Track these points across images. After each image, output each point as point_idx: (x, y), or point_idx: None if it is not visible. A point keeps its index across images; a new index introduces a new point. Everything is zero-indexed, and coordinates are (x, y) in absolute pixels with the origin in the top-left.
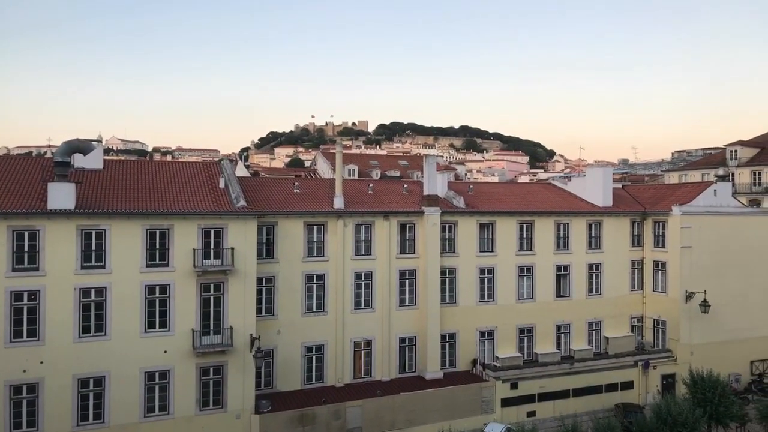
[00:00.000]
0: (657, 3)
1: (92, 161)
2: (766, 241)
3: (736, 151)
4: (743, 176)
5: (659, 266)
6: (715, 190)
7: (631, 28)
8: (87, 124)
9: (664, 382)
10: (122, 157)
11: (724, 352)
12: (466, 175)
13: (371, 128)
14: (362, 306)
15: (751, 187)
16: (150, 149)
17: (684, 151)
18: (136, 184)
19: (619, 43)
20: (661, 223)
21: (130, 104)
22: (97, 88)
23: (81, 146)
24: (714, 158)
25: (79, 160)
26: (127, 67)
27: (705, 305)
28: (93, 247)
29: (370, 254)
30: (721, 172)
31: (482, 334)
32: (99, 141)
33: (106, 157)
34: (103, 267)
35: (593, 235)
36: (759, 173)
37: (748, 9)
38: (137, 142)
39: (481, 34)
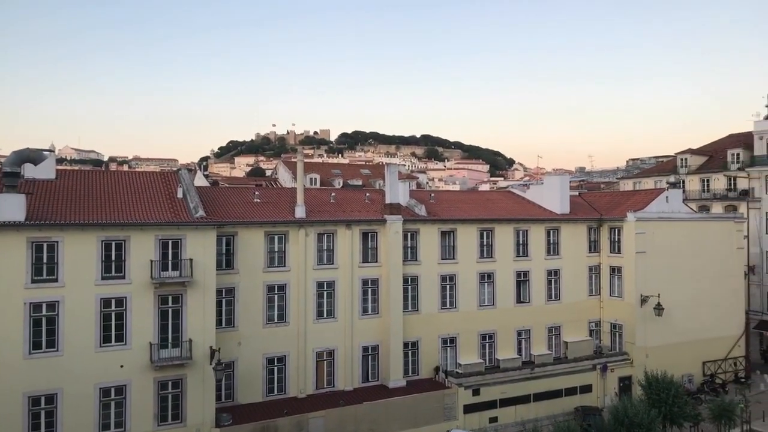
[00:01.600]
0: (615, 15)
1: (44, 171)
2: (714, 246)
3: (686, 159)
4: (693, 183)
5: (615, 271)
6: (667, 197)
7: (587, 40)
8: (39, 133)
9: (621, 384)
10: (76, 167)
11: (678, 353)
12: (427, 183)
13: (333, 137)
14: (325, 316)
15: (701, 194)
16: (106, 159)
17: (638, 159)
18: (90, 195)
19: (574, 55)
20: (616, 230)
21: (84, 113)
22: (49, 96)
23: (32, 156)
24: (666, 166)
25: (29, 171)
26: (81, 76)
27: (659, 309)
28: (44, 260)
29: (333, 263)
30: (672, 179)
31: (444, 341)
32: (51, 150)
33: (59, 167)
34: (56, 280)
35: (552, 241)
36: (707, 180)
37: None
38: (92, 151)
39: (442, 45)
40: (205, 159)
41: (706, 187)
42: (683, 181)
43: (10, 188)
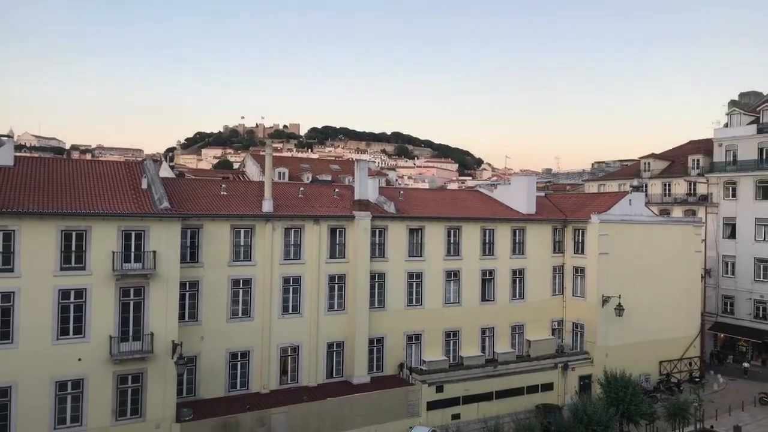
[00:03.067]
0: (584, 17)
1: (2, 158)
2: (674, 249)
3: (649, 163)
4: (655, 187)
5: (578, 272)
6: (630, 200)
7: (554, 43)
8: None
9: (582, 383)
10: (36, 155)
11: (636, 353)
12: (397, 180)
13: (303, 132)
14: (290, 311)
15: (662, 198)
16: (68, 147)
17: (603, 162)
18: (51, 183)
19: (542, 58)
20: (580, 231)
21: (45, 100)
22: (8, 80)
23: None
24: (629, 170)
25: None
26: (41, 60)
27: (619, 309)
28: (0, 249)
29: (300, 259)
30: (635, 182)
31: (410, 338)
32: (10, 136)
33: (18, 154)
34: (12, 270)
35: (517, 241)
36: (669, 185)
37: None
38: (53, 138)
39: (414, 43)
40: (171, 150)
41: (667, 191)
42: (646, 185)
43: None
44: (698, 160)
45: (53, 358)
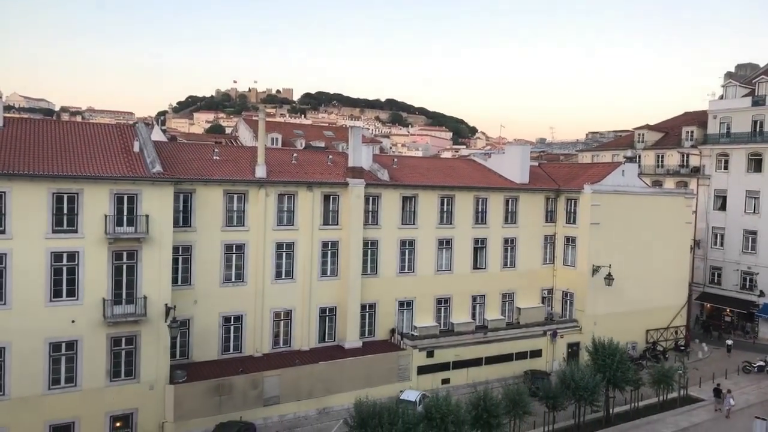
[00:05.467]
0: None
1: None
2: (665, 220)
3: (643, 134)
4: (648, 158)
5: (570, 241)
6: (623, 171)
7: (555, 9)
8: None
9: (570, 350)
10: (25, 116)
11: (624, 322)
12: (391, 148)
13: (296, 97)
14: (283, 276)
15: (655, 169)
16: (57, 108)
17: (597, 132)
18: (41, 145)
19: (539, 27)
20: (573, 201)
21: (33, 59)
22: None
23: None
24: (623, 140)
25: None
26: (29, 18)
27: (609, 278)
28: None
29: (293, 225)
30: (629, 153)
31: (401, 304)
32: None
33: (7, 115)
34: (3, 232)
35: (510, 210)
36: (662, 156)
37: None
38: (42, 100)
39: (409, 8)
40: (162, 113)
41: (660, 163)
42: (639, 156)
43: None
44: (692, 132)
45: (47, 320)
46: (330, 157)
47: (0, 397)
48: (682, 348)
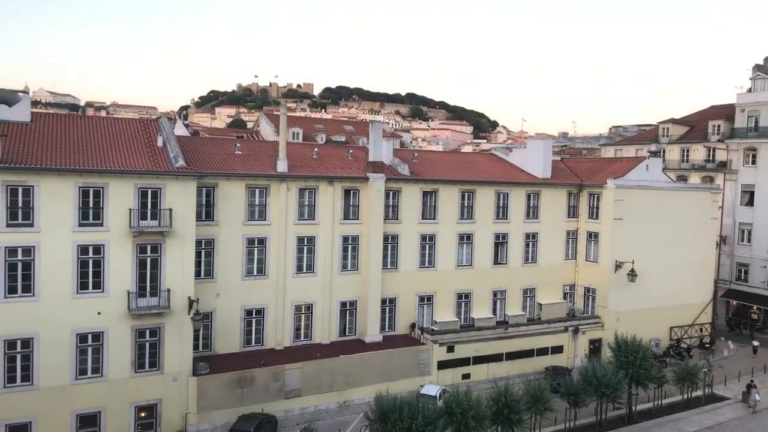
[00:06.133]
0: None
1: (19, 113)
2: (690, 216)
3: (667, 128)
4: (673, 153)
5: (592, 237)
6: (647, 166)
7: (571, 5)
8: (11, 73)
9: (592, 346)
10: (52, 111)
11: (647, 318)
12: (411, 142)
13: (317, 91)
14: (304, 270)
15: (680, 164)
16: (82, 104)
17: (620, 126)
18: (68, 140)
19: (560, 19)
20: (596, 196)
21: (59, 55)
22: (22, 34)
23: (6, 97)
24: (647, 135)
25: (3, 112)
26: (55, 13)
27: (632, 275)
28: (20, 204)
29: (314, 219)
30: (653, 148)
31: (422, 299)
32: (26, 92)
33: (34, 110)
34: (31, 225)
35: (531, 205)
36: (687, 150)
37: None
38: (68, 95)
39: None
40: (185, 108)
41: (685, 157)
42: (664, 151)
43: None
44: (719, 126)
45: (73, 311)
46: (350, 151)
47: (28, 387)
48: (707, 345)
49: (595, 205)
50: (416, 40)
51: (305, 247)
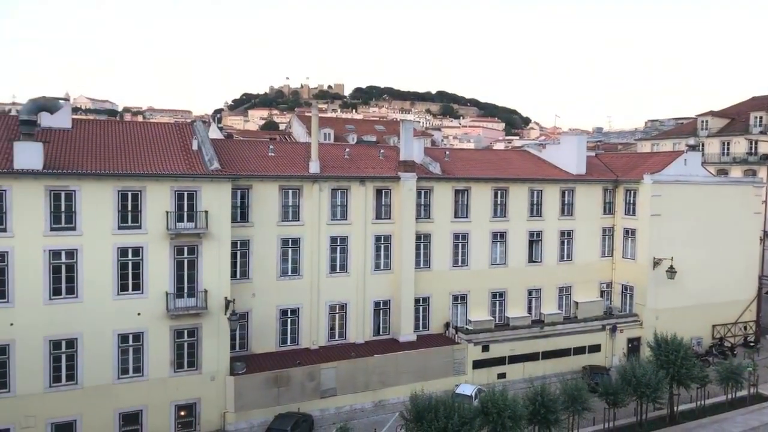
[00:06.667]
0: None
1: (60, 120)
2: (732, 210)
3: (706, 121)
4: (713, 146)
5: (629, 233)
6: (685, 160)
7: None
8: (53, 80)
9: (630, 345)
10: (91, 117)
11: (688, 316)
12: (442, 141)
13: (347, 92)
14: (337, 270)
15: (720, 157)
16: (120, 109)
17: (657, 120)
18: (106, 145)
19: (593, 10)
20: (632, 192)
21: (98, 61)
22: (63, 42)
23: (48, 104)
24: (685, 128)
25: (46, 119)
26: (93, 22)
27: (671, 271)
28: (63, 209)
29: (346, 219)
30: (691, 141)
31: (455, 298)
32: (66, 99)
33: (75, 116)
34: (74, 229)
35: (566, 202)
36: (728, 143)
37: None
38: (106, 101)
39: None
40: (218, 111)
41: (725, 151)
42: (703, 144)
43: (28, 136)
44: (761, 118)
45: (114, 312)
46: (382, 151)
47: (73, 386)
48: (752, 344)
49: (631, 201)
50: (446, 38)
51: (338, 247)
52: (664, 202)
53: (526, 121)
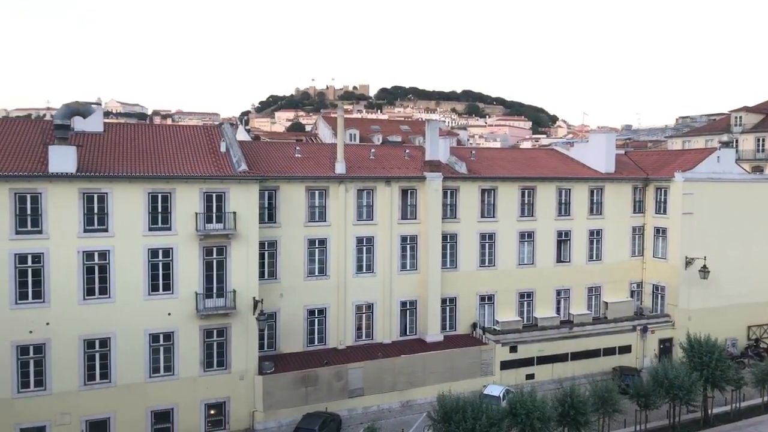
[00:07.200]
0: None
1: (92, 124)
2: (767, 208)
3: (740, 117)
4: (747, 143)
5: (660, 232)
6: (718, 157)
7: None
8: (85, 85)
9: (662, 346)
10: (122, 120)
11: (722, 317)
12: (468, 140)
13: (372, 92)
14: (364, 270)
15: (755, 154)
16: (150, 112)
17: (688, 116)
18: (137, 148)
19: (622, 5)
20: (663, 190)
21: (128, 66)
22: (94, 48)
23: (81, 109)
24: (718, 124)
25: (79, 123)
26: (123, 27)
27: (704, 271)
28: (95, 211)
29: (372, 219)
30: (725, 138)
31: (482, 298)
32: (98, 104)
33: (106, 120)
34: (106, 230)
35: (595, 201)
36: (763, 140)
37: None
38: (137, 105)
39: None
40: (245, 113)
41: (760, 147)
42: (736, 141)
43: (62, 140)
44: None
45: (146, 312)
46: (407, 151)
47: (107, 384)
48: None
49: (662, 200)
50: (471, 37)
51: (364, 248)
52: (696, 201)
53: (553, 119)
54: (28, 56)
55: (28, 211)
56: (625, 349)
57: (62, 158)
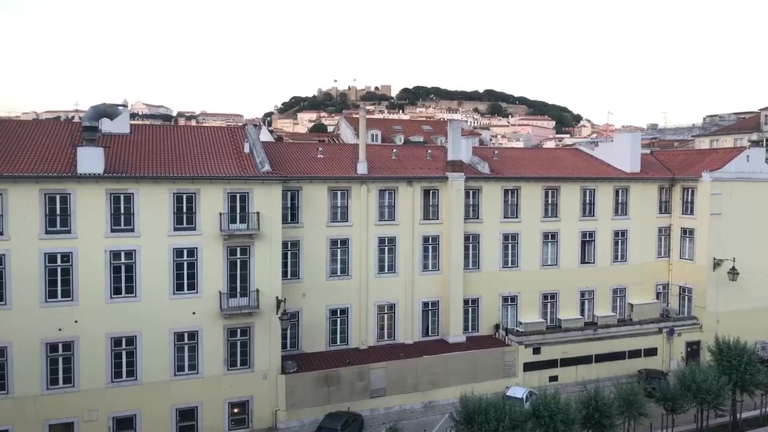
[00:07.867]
0: None
1: (119, 126)
2: None
3: None
4: None
5: (687, 233)
6: (747, 156)
7: None
8: (112, 87)
9: (689, 349)
10: (148, 122)
11: (752, 320)
12: (490, 140)
13: (394, 92)
14: (386, 270)
15: None
16: (174, 114)
17: (716, 115)
18: (162, 149)
19: (647, 2)
20: (690, 190)
21: (154, 68)
22: (121, 51)
23: (108, 111)
24: (747, 123)
25: (106, 125)
26: (149, 30)
27: (733, 273)
28: (122, 211)
29: (394, 220)
30: (754, 137)
31: (505, 299)
32: (125, 105)
33: (132, 122)
34: (132, 230)
35: (620, 201)
36: None
37: None
38: (162, 106)
39: None
40: (268, 114)
41: None
42: (767, 139)
43: (90, 142)
44: None
45: (171, 311)
46: (429, 151)
47: (133, 382)
48: None
49: (689, 200)
50: (494, 36)
51: (386, 248)
52: (725, 201)
53: (577, 118)
54: (57, 59)
55: (58, 212)
56: (651, 352)
57: (90, 159)
